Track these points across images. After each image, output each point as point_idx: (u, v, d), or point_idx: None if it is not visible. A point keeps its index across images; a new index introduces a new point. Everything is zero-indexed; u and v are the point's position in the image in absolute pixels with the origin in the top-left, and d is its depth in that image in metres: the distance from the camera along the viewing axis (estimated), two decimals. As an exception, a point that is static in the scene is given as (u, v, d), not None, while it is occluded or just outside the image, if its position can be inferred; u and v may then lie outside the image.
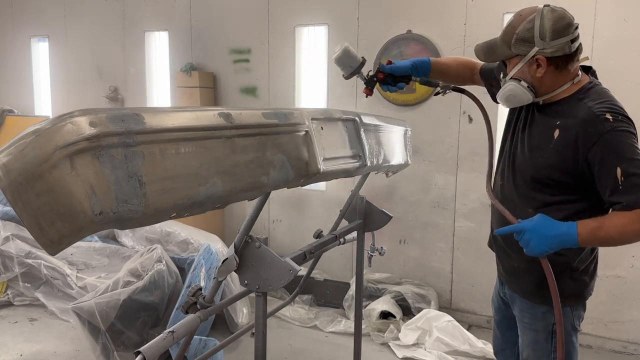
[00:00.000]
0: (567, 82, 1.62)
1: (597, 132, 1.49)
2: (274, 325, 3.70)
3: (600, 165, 1.49)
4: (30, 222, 0.85)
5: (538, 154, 1.64)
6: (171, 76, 5.07)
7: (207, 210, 1.12)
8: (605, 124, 1.48)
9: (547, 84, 1.62)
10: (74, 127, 0.85)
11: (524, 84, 1.63)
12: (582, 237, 1.48)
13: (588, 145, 1.50)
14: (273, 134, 1.31)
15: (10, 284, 3.96)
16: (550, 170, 1.60)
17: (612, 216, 1.49)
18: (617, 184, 1.46)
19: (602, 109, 1.51)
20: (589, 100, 1.56)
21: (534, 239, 1.51)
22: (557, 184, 1.61)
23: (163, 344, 1.41)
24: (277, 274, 1.46)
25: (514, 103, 1.70)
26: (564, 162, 1.56)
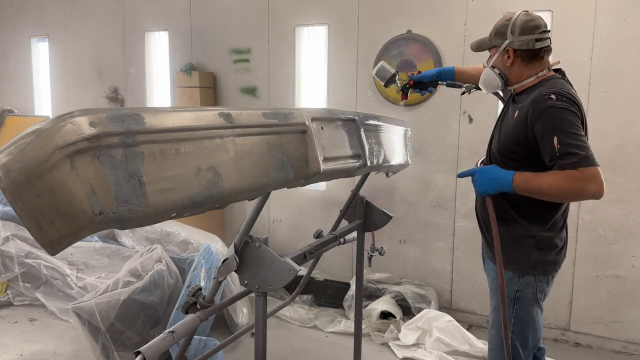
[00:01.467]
0: (532, 75, 1.94)
1: (540, 109, 1.76)
2: (274, 325, 3.70)
3: (542, 136, 1.75)
4: (30, 222, 0.85)
5: (503, 134, 1.95)
6: (171, 76, 5.07)
7: (207, 210, 1.12)
8: (548, 101, 1.75)
9: (514, 74, 1.96)
10: (74, 127, 0.85)
11: (496, 70, 1.99)
12: (517, 183, 1.77)
13: (534, 120, 1.77)
14: (273, 134, 1.31)
15: (10, 284, 3.96)
16: (509, 144, 1.90)
17: (546, 173, 1.73)
18: (554, 151, 1.70)
19: (548, 91, 1.78)
20: (543, 87, 1.84)
21: (479, 179, 1.85)
22: (515, 155, 1.88)
23: (163, 344, 1.41)
24: (277, 274, 1.46)
25: (489, 87, 2.04)
26: (518, 136, 1.85)
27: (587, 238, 3.50)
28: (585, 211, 3.48)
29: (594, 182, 1.66)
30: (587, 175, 1.66)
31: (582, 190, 1.67)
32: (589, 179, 1.66)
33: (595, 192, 1.67)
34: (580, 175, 1.66)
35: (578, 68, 3.38)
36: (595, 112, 3.34)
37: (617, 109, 3.34)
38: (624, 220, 3.41)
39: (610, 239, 3.44)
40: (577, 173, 1.66)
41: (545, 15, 3.48)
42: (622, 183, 3.38)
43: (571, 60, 3.40)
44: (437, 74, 2.40)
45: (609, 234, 3.45)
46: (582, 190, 1.67)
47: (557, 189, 1.70)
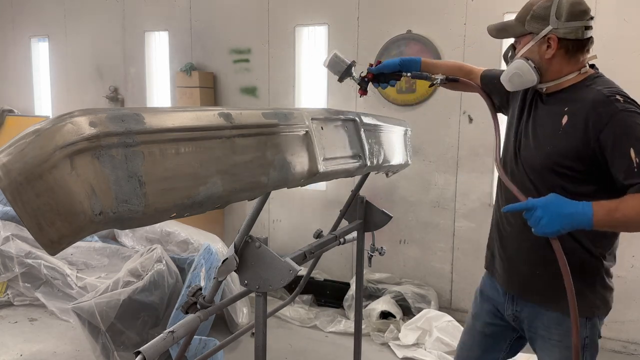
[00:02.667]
0: (574, 71, 1.60)
1: (608, 113, 1.44)
2: (274, 325, 3.70)
3: (613, 147, 1.43)
4: (30, 222, 0.85)
5: (546, 143, 1.58)
6: (171, 76, 5.07)
7: (207, 210, 1.12)
8: (617, 104, 1.44)
9: (554, 68, 1.60)
10: (74, 127, 0.85)
11: (531, 63, 1.60)
12: (598, 217, 1.39)
13: (599, 127, 1.45)
14: (273, 134, 1.31)
15: (10, 284, 3.96)
16: (560, 156, 1.54)
17: (628, 198, 1.40)
18: (631, 165, 1.40)
19: (612, 92, 1.48)
20: (596, 85, 1.53)
21: (546, 216, 1.41)
22: (568, 171, 1.54)
23: (163, 344, 1.41)
24: (277, 274, 1.46)
25: (518, 84, 1.65)
26: (574, 147, 1.50)
27: (587, 238, 3.50)
28: (586, 211, 3.48)
29: None
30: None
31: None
32: None
33: None
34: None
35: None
36: (596, 112, 3.33)
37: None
38: (624, 220, 3.40)
39: (611, 239, 3.44)
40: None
41: (546, 15, 3.48)
42: (622, 183, 3.38)
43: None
44: (400, 64, 1.97)
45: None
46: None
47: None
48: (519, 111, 1.75)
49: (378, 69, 1.99)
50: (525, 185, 1.64)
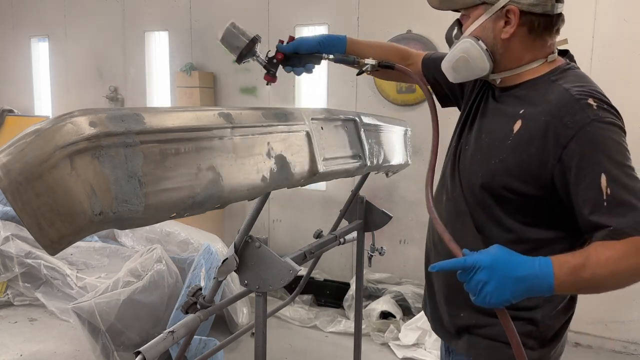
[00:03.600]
0: (538, 58, 1.21)
1: (576, 123, 1.06)
2: (274, 325, 3.70)
3: (579, 170, 1.05)
4: (30, 222, 0.85)
5: (491, 155, 1.20)
6: (171, 76, 5.07)
7: (207, 210, 1.12)
8: (588, 111, 1.06)
9: (512, 53, 1.21)
10: (74, 127, 0.85)
11: (482, 44, 1.20)
12: (560, 279, 1.01)
13: (563, 141, 1.07)
14: (273, 134, 1.31)
15: (10, 284, 3.96)
16: (506, 176, 1.15)
17: (597, 249, 1.02)
18: (600, 198, 1.03)
19: (581, 92, 1.10)
20: (564, 82, 1.15)
21: (493, 281, 1.01)
22: (516, 197, 1.16)
23: (163, 344, 1.41)
24: (277, 274, 1.45)
25: (465, 73, 1.26)
26: (526, 165, 1.12)
27: (587, 238, 3.50)
28: (586, 211, 3.48)
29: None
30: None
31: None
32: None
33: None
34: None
35: (578, 68, 3.38)
36: (596, 112, 3.33)
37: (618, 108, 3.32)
38: (624, 220, 3.40)
39: (611, 239, 3.44)
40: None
41: (546, 15, 3.48)
42: (622, 183, 3.38)
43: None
44: (320, 43, 1.53)
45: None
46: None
47: (627, 274, 1.02)
48: (466, 109, 1.38)
49: (291, 48, 1.54)
50: (461, 215, 1.27)
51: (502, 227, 1.20)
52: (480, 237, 1.23)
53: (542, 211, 1.16)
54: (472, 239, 1.23)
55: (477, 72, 1.24)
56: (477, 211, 1.24)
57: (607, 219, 1.03)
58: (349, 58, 1.53)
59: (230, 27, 1.53)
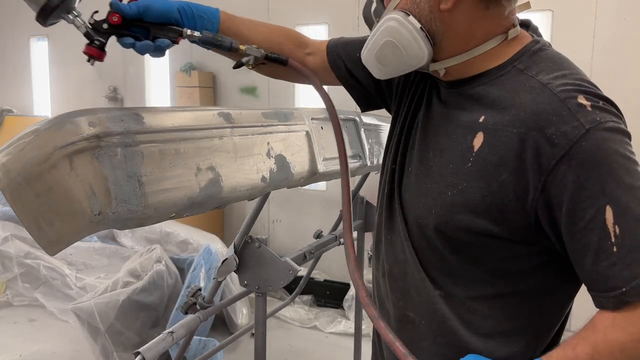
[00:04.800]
0: (495, 33, 0.85)
1: (565, 135, 0.73)
2: (273, 326, 3.69)
3: (573, 205, 0.73)
4: (29, 223, 0.84)
5: (445, 183, 0.85)
6: (170, 76, 5.07)
7: (207, 210, 1.12)
8: (580, 115, 0.74)
9: (458, 30, 0.85)
10: (74, 127, 0.85)
11: (415, 21, 0.84)
12: None
13: (547, 163, 0.74)
14: (273, 134, 1.30)
15: (9, 284, 3.95)
16: (467, 214, 0.82)
17: (607, 329, 0.74)
18: (606, 242, 0.71)
19: (568, 87, 0.77)
20: (538, 70, 0.82)
21: None
22: (482, 242, 0.83)
23: (162, 344, 1.40)
24: (277, 274, 1.45)
25: (394, 65, 0.89)
26: (497, 198, 0.79)
27: (587, 238, 3.50)
28: (586, 211, 3.48)
29: None
30: None
31: None
32: None
33: None
34: None
35: (578, 68, 3.38)
36: (596, 112, 3.34)
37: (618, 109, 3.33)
38: (624, 221, 3.40)
39: (611, 239, 3.44)
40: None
41: (546, 15, 3.48)
42: (622, 183, 3.38)
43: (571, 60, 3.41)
44: (180, 10, 1.00)
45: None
46: None
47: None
48: (401, 114, 1.02)
49: (135, 9, 0.97)
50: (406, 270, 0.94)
51: (467, 281, 0.87)
52: (443, 297, 0.89)
53: (522, 256, 0.83)
54: (427, 306, 0.91)
55: (412, 63, 0.87)
56: (429, 261, 0.90)
57: (618, 272, 0.71)
58: (223, 41, 1.03)
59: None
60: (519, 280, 0.85)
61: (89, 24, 1.03)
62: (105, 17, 1.01)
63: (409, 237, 0.92)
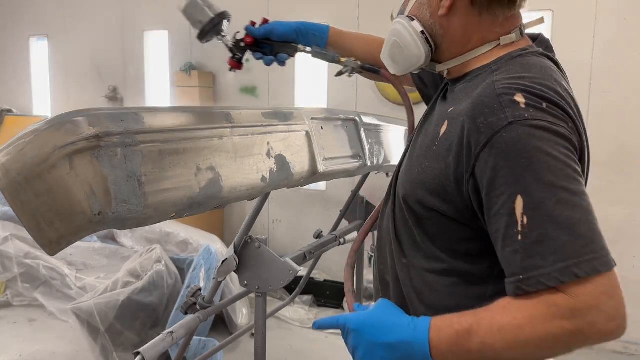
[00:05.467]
0: (488, 40, 0.95)
1: (489, 125, 0.80)
2: (273, 326, 3.69)
3: (489, 190, 0.80)
4: (29, 222, 0.84)
5: (417, 162, 0.97)
6: (170, 76, 5.07)
7: (207, 210, 1.12)
8: (508, 110, 0.80)
9: (454, 34, 0.96)
10: (73, 126, 0.84)
11: (417, 25, 0.98)
12: (439, 349, 0.79)
13: (475, 149, 0.82)
14: (273, 134, 1.30)
15: (9, 284, 3.95)
16: (422, 189, 0.92)
17: (498, 307, 0.78)
18: (513, 230, 0.76)
19: (511, 85, 0.83)
20: (502, 72, 0.89)
21: (361, 347, 0.86)
22: (435, 217, 0.92)
23: (162, 344, 1.40)
24: (277, 274, 1.45)
25: (402, 63, 1.04)
26: (443, 178, 0.88)
27: (587, 238, 3.50)
28: (586, 211, 3.48)
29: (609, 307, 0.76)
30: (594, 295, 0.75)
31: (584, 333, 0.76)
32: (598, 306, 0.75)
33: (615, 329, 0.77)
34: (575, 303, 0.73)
35: (579, 68, 3.38)
36: (596, 112, 3.33)
37: (618, 108, 3.33)
38: (625, 221, 3.40)
39: (611, 239, 3.40)
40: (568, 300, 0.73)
41: (546, 15, 3.48)
42: (623, 183, 3.38)
43: (572, 60, 3.39)
44: (297, 31, 1.32)
45: (609, 234, 3.41)
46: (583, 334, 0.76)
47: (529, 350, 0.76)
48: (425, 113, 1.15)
49: (262, 32, 1.33)
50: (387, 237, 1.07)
51: (424, 253, 0.96)
52: (406, 265, 0.99)
53: (471, 238, 0.89)
54: (394, 263, 1.02)
55: (414, 61, 1.01)
56: (402, 231, 1.01)
57: (519, 260, 0.76)
58: (328, 54, 1.31)
59: None
60: (468, 262, 0.91)
61: (232, 43, 1.38)
62: (242, 38, 1.37)
63: (393, 209, 1.06)
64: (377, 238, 1.14)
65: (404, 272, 1.00)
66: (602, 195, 3.36)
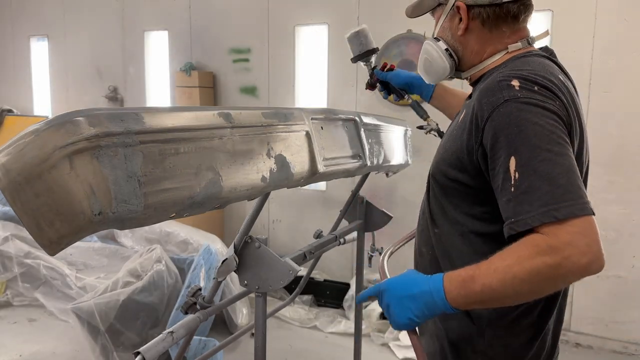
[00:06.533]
0: (499, 49, 1.20)
1: (490, 103, 1.02)
2: (273, 326, 3.69)
3: (492, 154, 1.01)
4: (29, 222, 0.84)
5: (443, 146, 1.23)
6: (170, 76, 5.07)
7: (207, 210, 1.12)
8: (505, 91, 1.01)
9: (471, 48, 1.23)
10: (73, 126, 0.84)
11: (442, 44, 1.26)
12: (452, 294, 0.97)
13: (481, 123, 1.03)
14: (273, 134, 1.30)
15: (9, 284, 3.95)
16: (445, 164, 1.16)
17: (495, 256, 0.95)
18: (508, 184, 0.95)
19: (509, 75, 1.05)
20: (506, 68, 1.12)
21: (392, 302, 1.05)
22: (456, 186, 1.14)
23: (162, 344, 1.40)
24: (277, 274, 1.45)
25: (433, 75, 1.33)
26: (459, 152, 1.10)
27: (587, 238, 3.50)
28: (586, 211, 3.48)
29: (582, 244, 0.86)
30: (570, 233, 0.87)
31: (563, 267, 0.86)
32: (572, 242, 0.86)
33: (588, 264, 0.86)
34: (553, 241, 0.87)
35: (579, 68, 3.38)
36: (596, 111, 3.33)
37: (618, 108, 3.33)
38: (625, 220, 3.40)
39: (611, 239, 3.44)
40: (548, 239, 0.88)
41: (546, 15, 3.48)
42: (623, 183, 3.38)
43: (572, 60, 3.38)
44: (408, 83, 1.75)
45: (609, 234, 3.44)
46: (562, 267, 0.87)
47: (520, 285, 0.90)
48: None
49: (382, 77, 1.80)
50: (424, 209, 1.32)
51: (450, 220, 1.18)
52: (437, 234, 1.23)
53: (484, 202, 1.09)
54: (429, 234, 1.27)
55: (441, 72, 1.30)
56: (434, 206, 1.25)
57: (512, 207, 0.94)
58: (419, 110, 1.77)
59: (359, 32, 1.79)
60: (484, 223, 1.12)
61: (370, 72, 1.83)
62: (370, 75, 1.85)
63: (427, 190, 1.29)
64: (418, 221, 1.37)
65: (436, 239, 1.22)
66: (602, 195, 3.36)
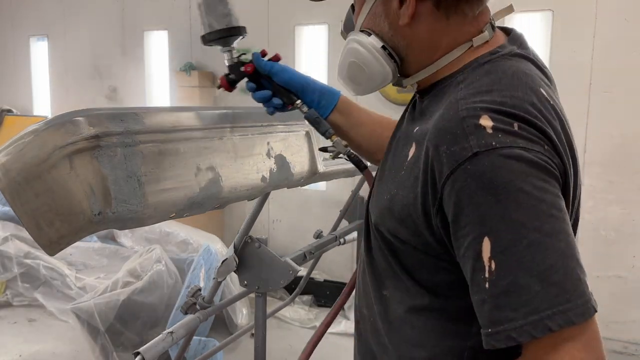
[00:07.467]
0: (460, 42, 0.82)
1: (452, 155, 0.69)
2: (273, 326, 3.69)
3: (455, 229, 0.70)
4: (29, 222, 0.84)
5: (386, 187, 0.85)
6: (170, 76, 5.07)
7: (207, 210, 1.12)
8: (472, 138, 0.68)
9: (421, 43, 0.84)
10: (73, 126, 0.84)
11: (375, 40, 0.86)
12: None
13: (439, 183, 0.71)
14: (273, 134, 1.30)
15: (9, 284, 3.95)
16: (392, 219, 0.81)
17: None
18: (480, 276, 0.67)
19: (476, 105, 0.71)
20: (466, 84, 0.77)
21: None
22: (409, 250, 0.80)
23: (162, 344, 1.40)
24: (277, 274, 1.45)
25: (366, 84, 0.94)
26: (412, 210, 0.76)
27: (588, 238, 3.50)
28: (586, 211, 3.48)
29: None
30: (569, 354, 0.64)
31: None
32: None
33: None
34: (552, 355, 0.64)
35: (579, 68, 3.38)
36: (596, 112, 3.33)
37: (618, 108, 3.33)
38: (625, 220, 3.40)
39: (611, 239, 3.44)
40: None
41: (546, 15, 3.48)
42: (623, 183, 3.38)
43: (572, 60, 3.40)
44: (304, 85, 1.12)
45: (609, 234, 3.44)
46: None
47: None
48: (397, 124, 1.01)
49: (267, 68, 1.10)
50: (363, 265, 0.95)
51: (405, 286, 0.83)
52: (380, 299, 0.88)
53: (449, 271, 0.76)
54: (373, 302, 0.91)
55: (379, 81, 0.90)
56: (379, 260, 0.88)
57: (487, 311, 0.66)
58: (321, 125, 1.10)
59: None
60: (449, 297, 0.79)
61: (233, 62, 1.15)
62: (245, 61, 1.14)
63: (367, 234, 0.93)
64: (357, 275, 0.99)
65: (383, 306, 0.88)
66: (601, 195, 3.36)
